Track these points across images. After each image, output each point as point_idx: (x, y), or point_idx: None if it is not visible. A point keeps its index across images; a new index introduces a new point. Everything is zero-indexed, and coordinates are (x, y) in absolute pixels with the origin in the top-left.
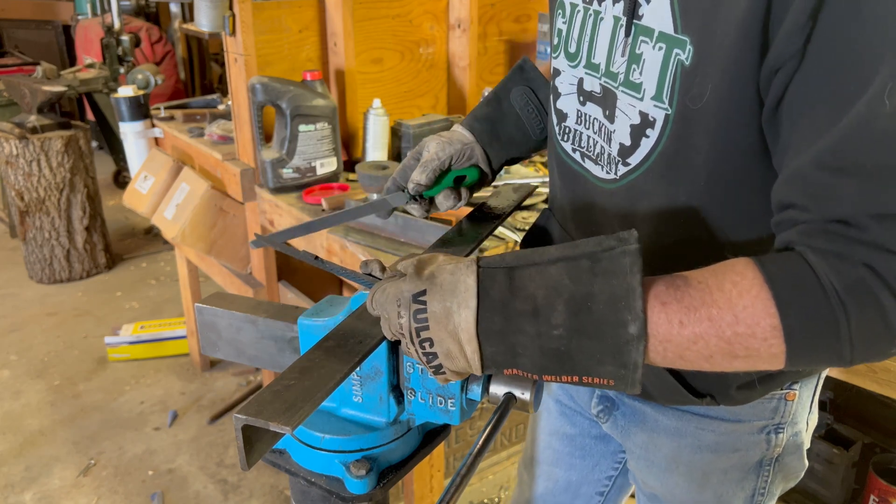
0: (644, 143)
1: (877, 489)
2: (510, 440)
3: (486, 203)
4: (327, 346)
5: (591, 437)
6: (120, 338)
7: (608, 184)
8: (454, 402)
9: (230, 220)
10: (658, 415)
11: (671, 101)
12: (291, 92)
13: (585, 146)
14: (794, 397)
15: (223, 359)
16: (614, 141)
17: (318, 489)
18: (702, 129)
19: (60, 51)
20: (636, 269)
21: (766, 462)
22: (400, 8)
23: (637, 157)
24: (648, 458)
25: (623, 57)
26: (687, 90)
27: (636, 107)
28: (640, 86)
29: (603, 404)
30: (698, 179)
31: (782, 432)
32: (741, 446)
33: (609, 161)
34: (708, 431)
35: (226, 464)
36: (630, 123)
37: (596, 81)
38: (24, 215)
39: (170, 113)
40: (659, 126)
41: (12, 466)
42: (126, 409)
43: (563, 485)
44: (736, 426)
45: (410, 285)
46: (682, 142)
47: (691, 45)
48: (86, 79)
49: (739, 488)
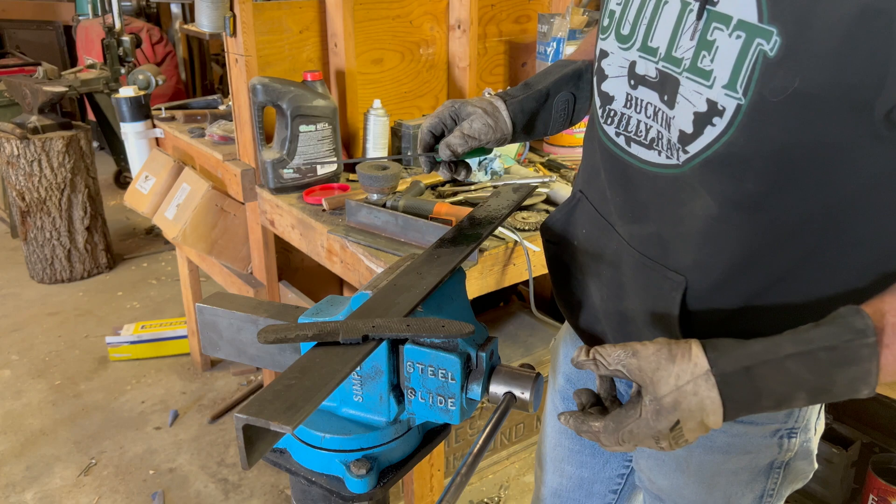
0: (708, 132)
1: (876, 489)
2: (510, 440)
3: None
4: (327, 346)
5: None
6: (121, 337)
7: (668, 169)
8: (454, 401)
9: (231, 220)
10: None
11: (746, 91)
12: (292, 92)
13: (634, 130)
14: None
15: (224, 358)
16: (673, 127)
17: (318, 488)
18: (780, 122)
19: (61, 51)
20: (874, 357)
21: (776, 465)
22: (400, 9)
23: (697, 145)
24: (658, 457)
25: (691, 42)
26: (767, 82)
27: (703, 94)
28: (710, 73)
29: None
30: (765, 175)
31: (795, 437)
32: (752, 449)
33: (669, 147)
34: (720, 433)
35: (227, 463)
36: (694, 111)
37: (651, 66)
38: (26, 215)
39: (171, 113)
40: (729, 115)
41: (13, 466)
42: (127, 408)
43: (576, 482)
44: (749, 428)
45: (662, 422)
46: (753, 133)
47: (779, 36)
48: (87, 79)
49: (748, 490)
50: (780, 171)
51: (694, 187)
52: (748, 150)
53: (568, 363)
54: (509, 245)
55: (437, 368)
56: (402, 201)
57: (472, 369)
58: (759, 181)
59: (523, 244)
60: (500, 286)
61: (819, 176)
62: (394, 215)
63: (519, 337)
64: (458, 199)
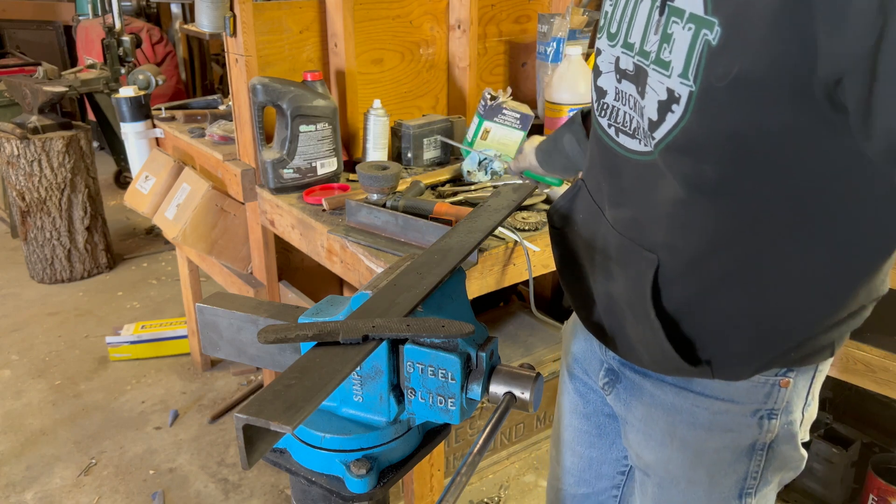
0: (669, 119)
1: (876, 488)
2: (510, 440)
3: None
4: (328, 346)
5: (604, 416)
6: (121, 337)
7: (644, 156)
8: (454, 401)
9: (231, 220)
10: (656, 390)
11: (696, 79)
12: (292, 92)
13: (621, 122)
14: (787, 384)
15: (224, 358)
16: (645, 116)
17: (318, 488)
18: (728, 108)
19: (61, 51)
20: None
21: (758, 446)
22: (400, 9)
23: (661, 131)
24: (646, 432)
25: (656, 36)
26: (712, 69)
27: (664, 83)
28: (669, 63)
29: (608, 377)
30: (725, 153)
31: (775, 419)
32: (734, 427)
33: (641, 135)
34: (703, 409)
35: (227, 463)
36: (658, 99)
37: (630, 60)
38: (26, 215)
39: (171, 113)
40: (683, 102)
41: (13, 466)
42: (127, 408)
43: (587, 462)
44: (730, 406)
45: None
46: (705, 118)
47: (719, 26)
48: (87, 79)
49: (731, 470)
50: (736, 156)
51: (663, 172)
52: (702, 136)
53: (576, 343)
54: (509, 245)
55: (437, 368)
56: (402, 201)
57: (472, 369)
58: (716, 166)
59: (523, 244)
60: (500, 286)
61: (776, 162)
62: (394, 215)
63: (519, 337)
64: (458, 199)
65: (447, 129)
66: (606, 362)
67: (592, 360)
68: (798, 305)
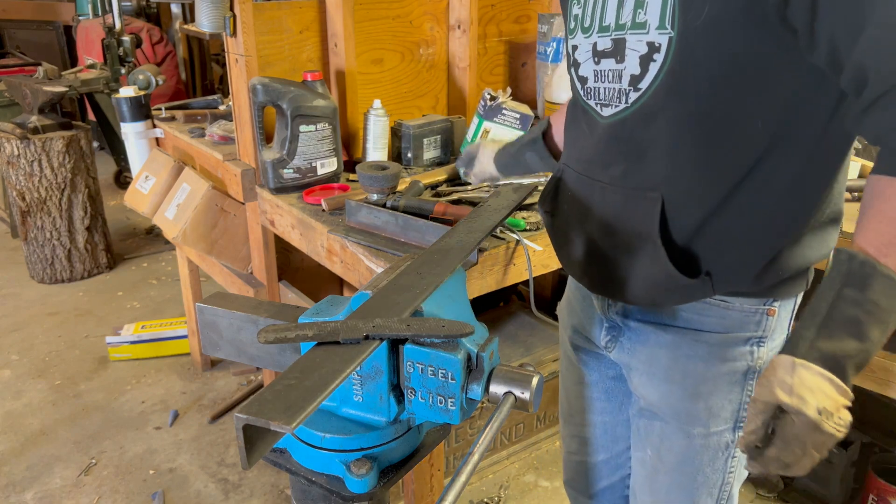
0: (652, 67)
1: (875, 488)
2: (510, 440)
3: (487, 203)
4: (327, 346)
5: (610, 379)
6: (121, 337)
7: (618, 115)
8: (454, 401)
9: (231, 220)
10: (659, 332)
11: (673, 25)
12: (292, 92)
13: (604, 97)
14: (773, 313)
15: (224, 358)
16: (624, 76)
17: (318, 488)
18: (702, 43)
19: (61, 51)
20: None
21: (749, 374)
22: (400, 9)
23: (647, 80)
24: (650, 372)
25: (628, 8)
26: (686, 11)
27: (643, 40)
28: (646, 23)
29: (610, 334)
30: (703, 90)
31: (763, 346)
32: (729, 356)
33: (619, 95)
34: (701, 343)
35: (227, 463)
36: (639, 55)
37: (607, 39)
38: (26, 215)
39: (171, 113)
40: (664, 49)
41: (14, 466)
42: (127, 408)
43: (601, 428)
44: (724, 337)
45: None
46: (685, 57)
47: None
48: (87, 79)
49: (727, 400)
50: (715, 86)
51: (651, 118)
52: (684, 73)
53: (573, 317)
54: (509, 245)
55: (437, 368)
56: (402, 201)
57: (472, 369)
58: (700, 100)
59: (523, 244)
60: (501, 286)
61: (751, 86)
62: (394, 215)
63: (519, 337)
64: (455, 199)
65: (447, 129)
66: (608, 320)
67: (593, 325)
68: (782, 211)
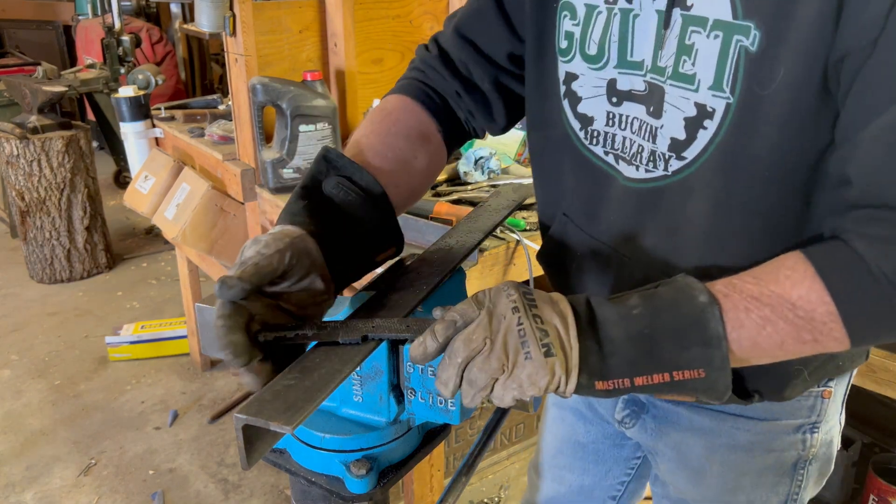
0: (701, 136)
1: (876, 489)
2: (510, 440)
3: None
4: (327, 346)
5: (608, 444)
6: (121, 337)
7: (651, 183)
8: (454, 401)
9: (231, 220)
10: (692, 415)
11: (733, 89)
12: (292, 92)
13: (620, 147)
14: (830, 395)
15: None
16: (662, 137)
17: (318, 489)
18: (768, 117)
19: (61, 51)
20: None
21: (800, 464)
22: (400, 8)
23: (694, 150)
24: (680, 460)
25: (667, 50)
26: (753, 75)
27: (690, 98)
28: (694, 77)
29: (630, 408)
30: (759, 171)
31: (818, 432)
32: (776, 447)
33: (654, 159)
34: (743, 431)
35: (226, 463)
36: (684, 116)
37: (639, 79)
38: (25, 215)
39: (170, 113)
40: (719, 116)
41: (13, 466)
42: (127, 408)
43: (576, 488)
44: (772, 425)
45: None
46: (744, 131)
47: (757, 29)
48: (86, 79)
49: (773, 493)
50: (770, 167)
51: (689, 193)
52: (739, 151)
53: None
54: (510, 245)
55: (437, 368)
56: None
57: None
58: (751, 180)
59: (524, 244)
60: None
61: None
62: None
63: None
64: (455, 199)
65: None
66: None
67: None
68: None
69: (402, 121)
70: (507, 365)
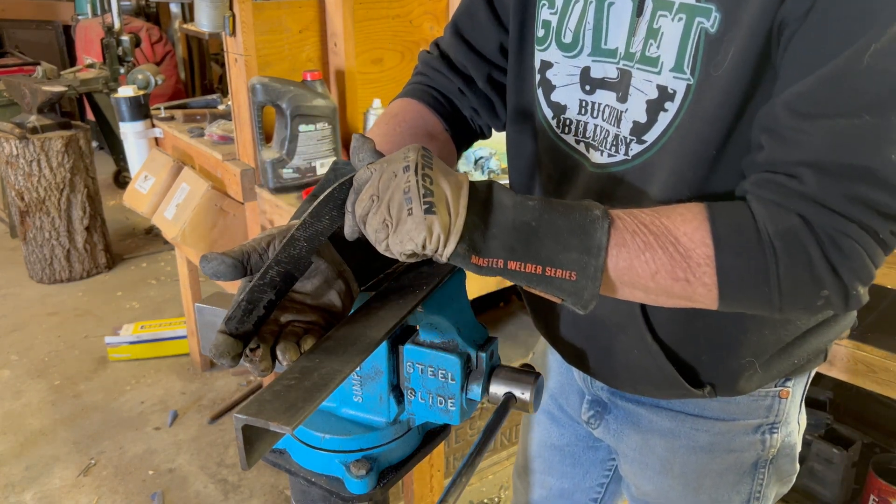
0: (662, 118)
1: (876, 489)
2: (510, 440)
3: None
4: (327, 346)
5: (582, 446)
6: (120, 338)
7: (613, 167)
8: (454, 402)
9: (230, 220)
10: (652, 416)
11: (693, 71)
12: (291, 92)
13: (591, 136)
14: (787, 395)
15: None
16: (626, 121)
17: (318, 489)
18: (718, 98)
19: (61, 51)
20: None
21: (760, 464)
22: (400, 8)
23: (654, 133)
24: (642, 461)
25: (639, 36)
26: (711, 58)
27: (653, 81)
28: (658, 59)
29: (594, 409)
30: (708, 152)
31: (777, 432)
32: (736, 447)
33: (616, 143)
34: (702, 432)
35: (226, 463)
36: (646, 99)
37: (612, 67)
38: (25, 215)
39: (170, 113)
40: (679, 98)
41: (13, 466)
42: (126, 408)
43: (557, 492)
44: (731, 425)
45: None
46: (698, 114)
47: (717, 11)
48: (86, 79)
49: (735, 492)
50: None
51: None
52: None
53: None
54: None
55: (436, 369)
56: None
57: (472, 370)
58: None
59: None
60: (501, 286)
61: None
62: None
63: (519, 337)
64: None
65: None
66: (591, 394)
67: (571, 395)
68: None
69: (408, 121)
70: (389, 220)
